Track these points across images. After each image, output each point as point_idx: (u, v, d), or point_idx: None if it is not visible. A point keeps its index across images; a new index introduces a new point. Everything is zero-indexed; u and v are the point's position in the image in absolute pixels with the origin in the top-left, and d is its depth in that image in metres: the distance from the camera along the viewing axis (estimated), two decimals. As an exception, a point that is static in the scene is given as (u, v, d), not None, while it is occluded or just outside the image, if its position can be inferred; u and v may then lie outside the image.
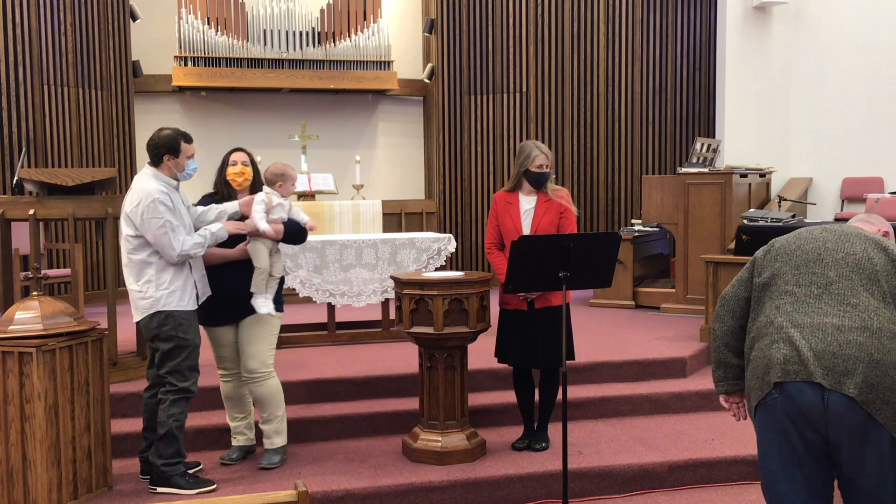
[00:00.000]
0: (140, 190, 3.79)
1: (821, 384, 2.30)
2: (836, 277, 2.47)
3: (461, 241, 9.51)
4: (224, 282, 4.09)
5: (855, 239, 2.56)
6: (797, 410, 2.35)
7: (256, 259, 4.07)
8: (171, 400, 3.83)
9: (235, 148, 4.29)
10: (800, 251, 2.57)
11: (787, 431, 2.38)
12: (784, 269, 2.57)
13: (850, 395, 2.28)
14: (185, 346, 3.84)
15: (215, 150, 8.79)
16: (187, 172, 3.95)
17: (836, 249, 2.53)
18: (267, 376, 4.12)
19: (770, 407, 2.41)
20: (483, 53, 9.48)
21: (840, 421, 2.30)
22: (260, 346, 4.11)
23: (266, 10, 9.02)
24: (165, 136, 3.89)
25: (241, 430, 4.33)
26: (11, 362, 3.60)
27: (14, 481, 3.64)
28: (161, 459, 3.82)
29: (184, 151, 3.91)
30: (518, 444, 4.41)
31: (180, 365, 3.83)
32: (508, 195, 4.36)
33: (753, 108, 8.69)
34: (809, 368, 2.33)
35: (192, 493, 3.77)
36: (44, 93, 7.83)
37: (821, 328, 2.39)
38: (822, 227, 2.67)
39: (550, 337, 4.17)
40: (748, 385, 2.53)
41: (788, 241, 2.65)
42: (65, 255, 7.79)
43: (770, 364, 2.40)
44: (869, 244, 2.54)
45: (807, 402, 2.33)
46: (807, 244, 2.58)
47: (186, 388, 3.85)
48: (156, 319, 3.80)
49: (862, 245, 2.54)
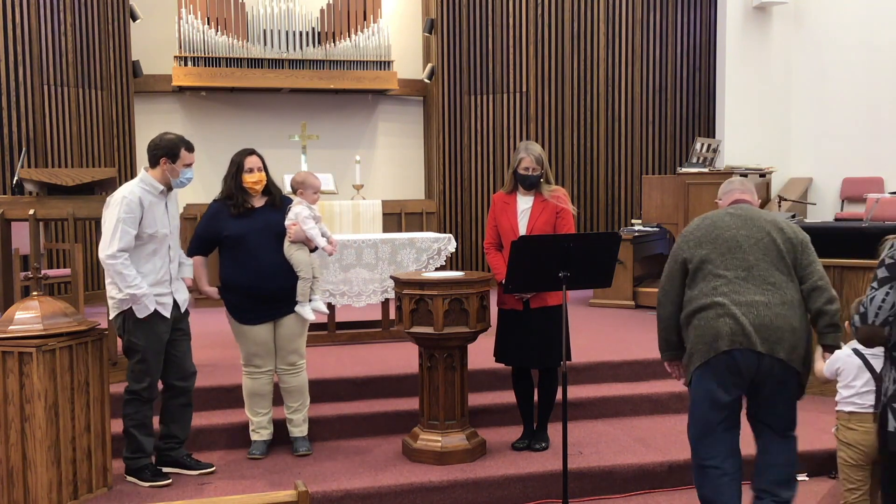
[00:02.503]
0: (123, 187, 3.92)
1: (760, 351, 3.10)
2: (754, 261, 3.19)
3: (461, 241, 9.51)
4: (259, 281, 4.18)
5: (759, 224, 3.26)
6: (737, 367, 3.14)
7: (301, 269, 4.24)
8: (125, 399, 3.99)
9: (246, 151, 4.31)
10: (721, 240, 3.24)
11: (724, 381, 3.17)
12: (712, 256, 3.23)
13: (781, 358, 3.11)
14: (137, 350, 3.93)
15: (215, 150, 8.84)
16: (181, 180, 3.98)
17: (748, 236, 3.23)
18: (303, 368, 4.38)
19: (714, 365, 3.16)
20: (483, 53, 9.48)
21: (769, 375, 3.15)
22: (300, 341, 4.35)
23: (266, 10, 9.02)
24: (167, 139, 3.95)
25: (264, 425, 4.38)
26: (11, 362, 3.60)
27: (14, 481, 3.64)
28: (127, 453, 4.02)
29: (182, 158, 3.94)
30: (518, 444, 4.41)
31: (133, 367, 3.96)
32: (506, 196, 4.37)
33: (753, 108, 8.70)
34: (752, 339, 3.10)
35: (145, 486, 3.95)
36: (44, 93, 7.83)
37: (754, 306, 3.13)
38: (727, 213, 3.34)
39: (546, 337, 4.16)
40: (692, 347, 3.23)
41: (701, 229, 3.31)
42: (65, 255, 7.79)
43: (719, 335, 3.13)
44: (770, 227, 3.25)
45: (747, 363, 3.13)
46: (725, 233, 3.25)
47: (136, 391, 3.96)
48: (118, 320, 3.95)
49: (766, 229, 3.24)
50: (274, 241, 4.22)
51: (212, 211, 4.29)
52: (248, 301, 4.21)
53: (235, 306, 4.24)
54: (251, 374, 4.31)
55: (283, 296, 4.24)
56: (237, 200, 4.23)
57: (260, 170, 4.25)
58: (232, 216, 4.21)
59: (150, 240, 3.89)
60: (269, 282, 4.19)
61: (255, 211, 4.25)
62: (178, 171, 3.94)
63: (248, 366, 4.31)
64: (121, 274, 3.79)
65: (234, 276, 4.22)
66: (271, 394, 4.38)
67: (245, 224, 4.20)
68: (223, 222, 4.22)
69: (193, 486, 3.96)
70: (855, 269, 5.21)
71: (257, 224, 4.22)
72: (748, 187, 3.51)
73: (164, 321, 3.95)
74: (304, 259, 4.26)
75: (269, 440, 4.40)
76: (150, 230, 3.87)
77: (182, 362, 4.09)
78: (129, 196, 3.83)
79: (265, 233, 4.21)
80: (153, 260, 3.92)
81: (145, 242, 3.88)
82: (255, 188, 4.25)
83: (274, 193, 4.33)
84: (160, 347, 3.96)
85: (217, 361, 5.33)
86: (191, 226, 7.22)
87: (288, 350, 4.31)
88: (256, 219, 4.23)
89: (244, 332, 4.26)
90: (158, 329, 3.93)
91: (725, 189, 3.55)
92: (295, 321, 4.30)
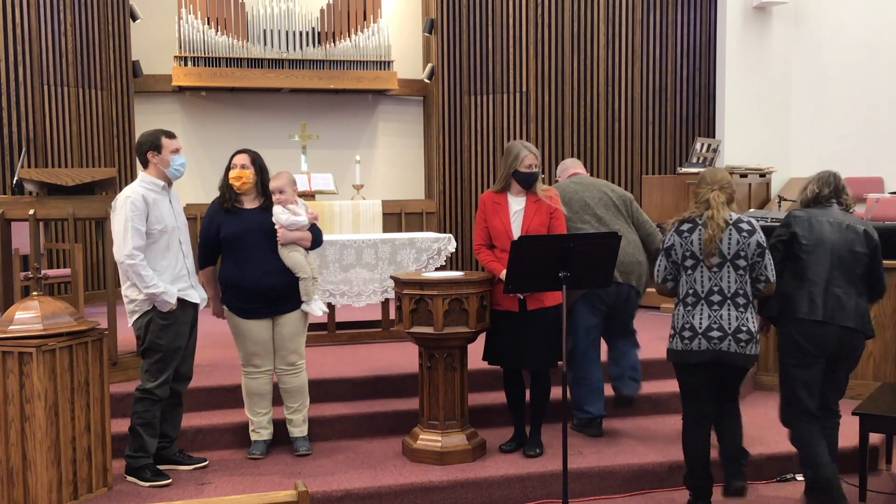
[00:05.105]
0: (124, 189, 3.97)
1: (619, 281, 4.39)
2: (602, 214, 4.49)
3: (461, 241, 9.51)
4: (257, 281, 4.20)
5: (597, 186, 4.59)
6: (609, 294, 4.42)
7: (299, 270, 4.27)
8: (136, 398, 4.00)
9: (239, 150, 4.33)
10: (582, 202, 4.49)
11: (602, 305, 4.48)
12: (568, 214, 4.36)
13: (633, 285, 4.48)
14: (158, 350, 3.95)
15: (215, 150, 8.84)
16: (174, 168, 4.03)
17: (592, 196, 4.52)
18: (303, 367, 4.38)
19: (586, 294, 4.43)
20: (483, 53, 9.49)
21: (626, 299, 4.50)
22: (299, 340, 4.36)
23: (266, 10, 9.02)
24: (147, 134, 4.06)
25: (263, 425, 4.39)
26: (11, 362, 3.60)
27: (14, 481, 3.64)
28: (129, 451, 4.01)
29: (165, 146, 4.00)
30: (505, 447, 4.37)
31: (149, 366, 3.99)
32: (496, 196, 4.28)
33: (753, 108, 8.70)
34: (616, 273, 4.25)
35: (145, 486, 3.95)
36: (44, 93, 7.83)
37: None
38: (571, 182, 4.62)
39: (542, 338, 4.15)
40: None
41: (569, 194, 4.49)
42: (65, 255, 7.79)
43: None
44: (606, 189, 4.59)
45: (613, 291, 4.40)
46: (574, 196, 4.49)
47: (149, 390, 3.97)
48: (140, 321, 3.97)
49: (603, 191, 4.57)
50: (270, 241, 4.23)
51: (210, 212, 4.32)
52: (247, 299, 4.22)
53: (235, 304, 4.25)
54: (250, 374, 4.32)
55: (282, 294, 4.25)
56: (226, 197, 4.26)
57: (244, 167, 4.22)
58: (227, 216, 4.23)
59: (160, 235, 3.94)
60: (267, 281, 4.20)
61: (251, 212, 4.26)
62: (168, 159, 4.00)
63: (248, 366, 4.32)
64: (139, 275, 3.84)
65: (232, 276, 4.24)
66: (271, 394, 4.38)
67: (240, 225, 4.22)
68: (219, 222, 4.25)
69: (193, 486, 3.96)
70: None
71: (252, 224, 4.23)
72: (580, 163, 4.90)
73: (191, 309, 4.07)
74: (299, 260, 4.27)
75: (269, 440, 4.40)
76: (158, 226, 3.93)
77: (182, 363, 4.11)
78: (132, 196, 3.89)
79: (259, 233, 4.22)
80: (167, 256, 3.98)
81: (157, 239, 3.93)
82: (237, 185, 4.22)
83: (269, 193, 4.33)
84: (180, 347, 4.03)
85: (217, 361, 5.33)
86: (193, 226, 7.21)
87: (287, 350, 4.31)
88: (251, 218, 4.24)
89: (243, 330, 4.26)
90: (181, 326, 4.01)
91: (563, 167, 4.86)
92: (294, 320, 4.30)
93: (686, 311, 3.68)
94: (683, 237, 3.70)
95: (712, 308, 3.63)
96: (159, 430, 4.07)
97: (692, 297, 3.67)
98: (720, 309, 3.62)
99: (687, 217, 3.74)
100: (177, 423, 4.22)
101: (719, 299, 3.62)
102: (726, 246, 3.63)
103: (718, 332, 3.60)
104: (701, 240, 3.64)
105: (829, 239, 3.73)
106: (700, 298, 3.65)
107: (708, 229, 3.63)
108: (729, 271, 3.63)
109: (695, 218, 3.70)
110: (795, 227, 3.78)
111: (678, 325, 3.71)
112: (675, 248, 3.71)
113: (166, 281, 3.94)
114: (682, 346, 3.67)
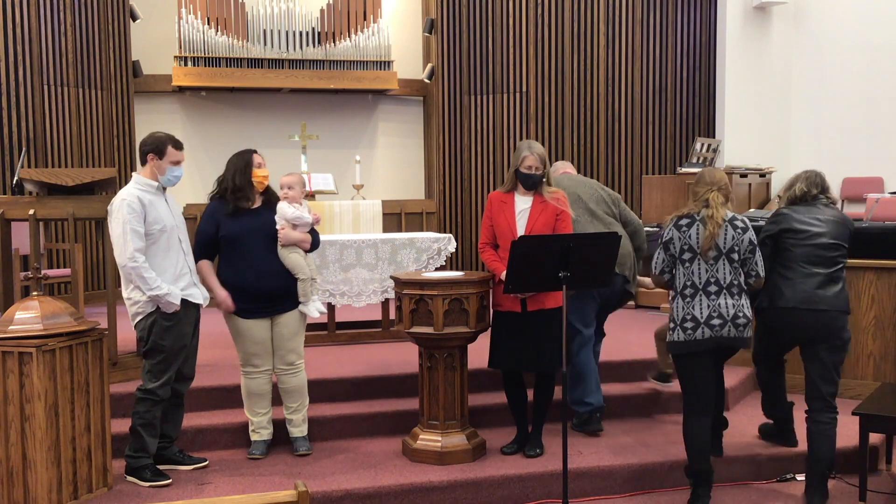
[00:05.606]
0: (119, 192, 3.96)
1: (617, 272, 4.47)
2: (594, 208, 4.61)
3: (461, 241, 9.51)
4: (256, 281, 4.21)
5: (589, 184, 4.74)
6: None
7: (298, 271, 4.28)
8: (137, 398, 3.99)
9: (252, 150, 4.37)
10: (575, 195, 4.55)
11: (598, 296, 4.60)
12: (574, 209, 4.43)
13: (626, 276, 4.60)
14: (161, 351, 3.95)
15: (215, 150, 8.84)
16: (168, 177, 4.03)
17: (584, 192, 4.64)
18: (301, 367, 4.38)
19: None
20: (483, 53, 9.49)
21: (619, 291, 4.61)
22: (298, 339, 4.37)
23: (266, 10, 9.02)
24: (156, 136, 4.04)
25: (263, 425, 4.40)
26: (11, 362, 3.60)
27: (14, 481, 3.64)
28: (129, 451, 4.01)
29: (168, 155, 4.00)
30: (507, 449, 4.36)
31: (152, 367, 3.98)
32: (504, 195, 4.29)
33: (753, 108, 8.70)
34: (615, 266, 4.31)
35: (145, 486, 3.95)
36: (44, 93, 7.83)
37: None
38: (568, 178, 4.78)
39: (544, 340, 4.14)
40: None
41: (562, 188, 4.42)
42: (65, 255, 7.79)
43: None
44: (597, 187, 4.74)
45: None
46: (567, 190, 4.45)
47: (151, 390, 3.97)
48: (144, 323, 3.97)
49: (594, 187, 4.72)
50: (269, 241, 4.25)
51: (209, 210, 4.31)
52: (245, 299, 4.23)
53: (233, 303, 4.24)
54: (249, 375, 4.32)
55: (281, 294, 4.26)
56: (246, 194, 4.25)
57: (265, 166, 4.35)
58: (228, 215, 4.23)
59: (160, 235, 3.94)
60: (266, 281, 4.21)
61: (251, 211, 4.27)
62: (165, 167, 3.99)
63: (247, 366, 4.32)
64: (142, 277, 3.85)
65: (231, 276, 4.24)
66: (270, 394, 4.38)
67: (240, 224, 4.22)
68: (220, 221, 4.24)
69: (193, 486, 3.96)
70: (855, 269, 5.21)
71: (253, 224, 4.23)
72: (570, 164, 5.13)
73: (193, 310, 4.07)
74: (298, 261, 4.28)
75: (269, 440, 4.40)
76: (157, 225, 3.93)
77: (185, 363, 4.12)
78: (128, 198, 3.89)
79: (260, 233, 4.23)
80: (168, 255, 3.98)
81: (157, 239, 3.93)
82: (264, 183, 4.32)
83: (270, 194, 4.37)
84: (184, 347, 4.04)
85: (217, 361, 5.33)
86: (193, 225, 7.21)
87: (286, 349, 4.31)
88: (252, 219, 4.25)
89: (242, 330, 4.26)
90: (185, 327, 4.01)
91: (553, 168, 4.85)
92: (293, 320, 4.31)
93: (686, 303, 3.84)
94: (682, 231, 3.88)
95: (710, 298, 3.81)
96: (160, 430, 4.07)
97: (690, 288, 3.84)
98: (718, 298, 3.81)
99: (685, 213, 3.94)
100: (178, 423, 4.22)
101: (716, 289, 3.82)
102: (722, 240, 3.84)
103: (719, 320, 3.79)
104: (699, 234, 3.84)
105: (816, 233, 4.04)
106: (698, 289, 3.83)
107: (708, 227, 3.83)
108: (724, 264, 3.84)
109: (693, 214, 3.91)
110: (784, 223, 4.12)
111: (678, 317, 3.85)
112: (674, 241, 3.90)
113: (168, 280, 3.93)
114: (686, 337, 3.81)
